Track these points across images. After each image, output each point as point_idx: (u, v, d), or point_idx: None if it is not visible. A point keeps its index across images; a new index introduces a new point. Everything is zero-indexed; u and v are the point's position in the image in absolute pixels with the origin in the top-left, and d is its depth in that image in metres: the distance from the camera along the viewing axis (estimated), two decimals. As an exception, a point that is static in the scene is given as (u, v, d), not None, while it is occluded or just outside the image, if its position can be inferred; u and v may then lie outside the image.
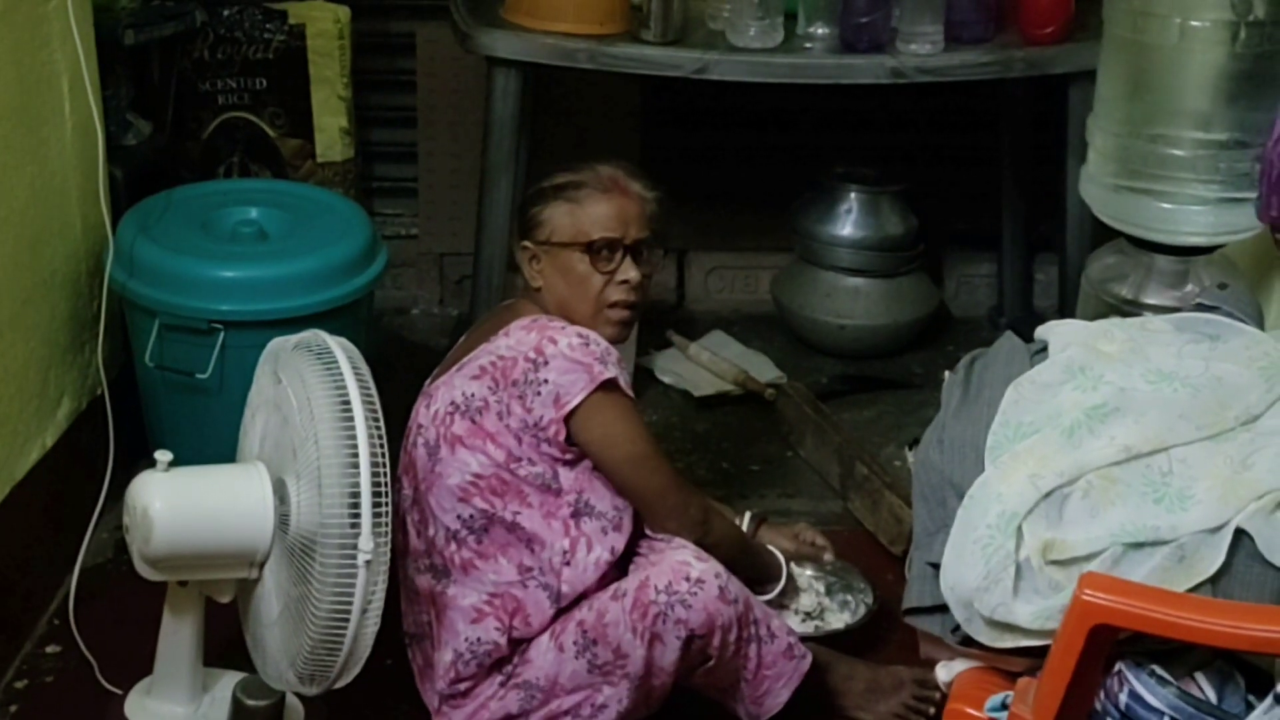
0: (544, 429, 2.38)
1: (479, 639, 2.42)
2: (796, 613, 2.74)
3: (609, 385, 2.38)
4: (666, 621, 2.34)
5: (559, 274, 2.49)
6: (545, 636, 2.42)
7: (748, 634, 2.41)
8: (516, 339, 2.41)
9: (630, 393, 2.43)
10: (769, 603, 2.56)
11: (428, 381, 2.54)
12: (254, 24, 3.63)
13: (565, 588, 2.42)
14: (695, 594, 2.33)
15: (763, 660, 2.44)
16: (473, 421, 2.40)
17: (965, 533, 2.13)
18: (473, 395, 2.41)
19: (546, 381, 2.36)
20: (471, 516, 2.41)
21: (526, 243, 2.51)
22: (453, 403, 2.42)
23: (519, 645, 2.43)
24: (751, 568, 2.59)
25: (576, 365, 2.37)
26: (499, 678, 2.44)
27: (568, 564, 2.41)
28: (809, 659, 2.49)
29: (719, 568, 2.39)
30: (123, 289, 2.89)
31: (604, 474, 2.43)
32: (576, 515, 2.43)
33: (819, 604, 2.78)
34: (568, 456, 2.41)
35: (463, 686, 2.44)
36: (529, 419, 2.38)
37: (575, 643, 2.40)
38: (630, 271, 2.48)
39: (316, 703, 2.42)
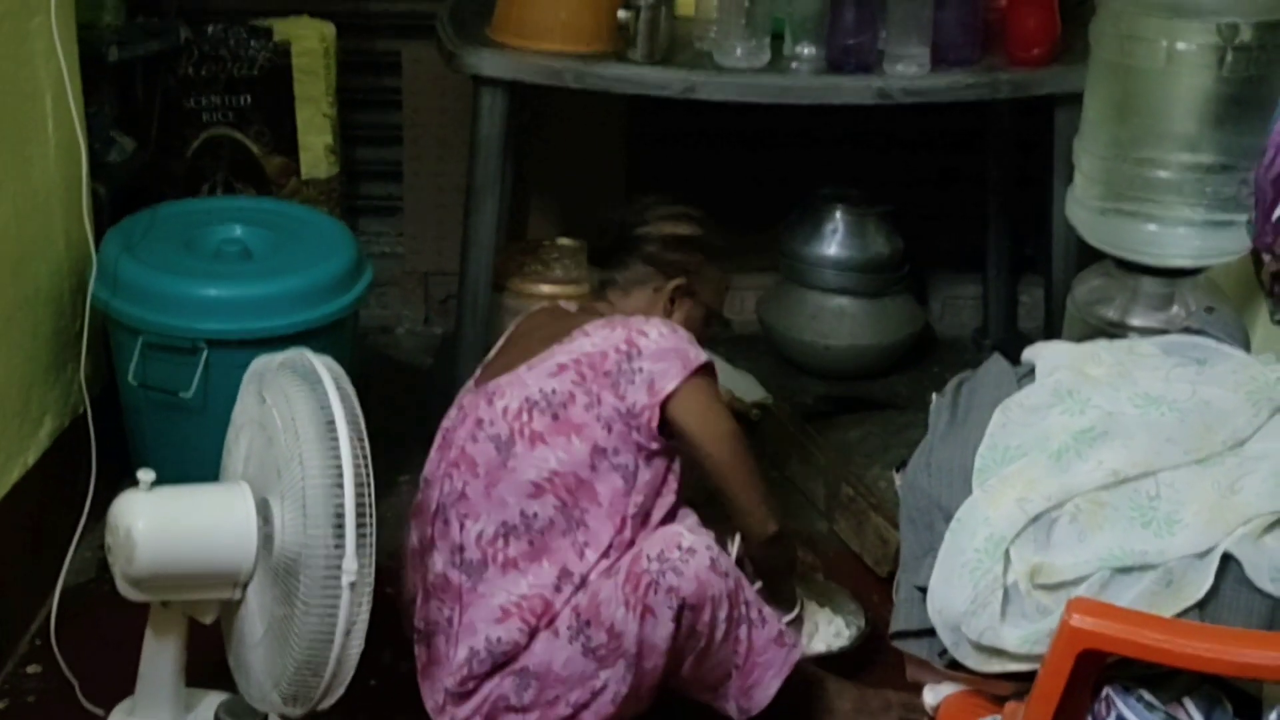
0: (637, 415, 2.43)
1: (499, 638, 2.42)
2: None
3: (704, 369, 2.47)
4: (658, 591, 2.34)
5: (684, 318, 2.61)
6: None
7: (739, 614, 2.42)
8: (601, 336, 2.47)
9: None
10: None
11: (471, 381, 2.57)
12: (239, 41, 3.63)
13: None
14: (686, 561, 2.35)
15: (753, 645, 2.45)
16: (554, 417, 2.43)
17: (953, 556, 2.13)
18: (553, 391, 2.44)
19: (641, 370, 2.43)
20: (535, 515, 2.43)
21: (681, 282, 2.62)
22: (528, 399, 2.45)
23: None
24: (786, 586, 2.66)
25: (670, 352, 2.45)
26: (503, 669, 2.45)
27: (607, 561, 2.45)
28: (799, 649, 2.50)
29: (710, 540, 2.42)
30: (106, 307, 2.88)
31: (699, 455, 2.48)
32: (635, 517, 2.46)
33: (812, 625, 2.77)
34: (654, 446, 2.45)
35: (472, 685, 2.44)
36: (621, 406, 2.43)
37: (569, 626, 2.41)
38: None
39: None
